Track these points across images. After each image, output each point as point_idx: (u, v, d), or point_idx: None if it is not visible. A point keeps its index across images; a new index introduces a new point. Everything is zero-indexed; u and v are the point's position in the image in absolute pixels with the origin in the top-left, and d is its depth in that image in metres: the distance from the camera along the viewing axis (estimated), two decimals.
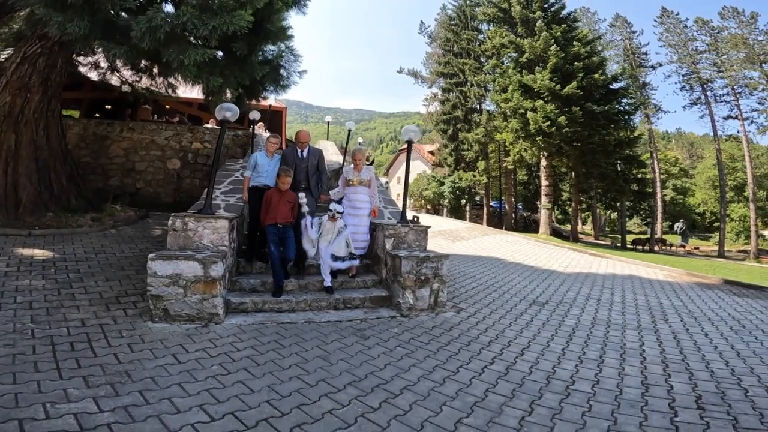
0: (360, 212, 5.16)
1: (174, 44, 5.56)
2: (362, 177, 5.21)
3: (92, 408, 2.25)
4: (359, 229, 5.11)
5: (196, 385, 2.63)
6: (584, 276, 8.08)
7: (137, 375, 2.70)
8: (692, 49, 28.79)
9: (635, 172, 21.42)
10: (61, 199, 8.05)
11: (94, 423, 2.11)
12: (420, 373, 2.97)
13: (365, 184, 5.23)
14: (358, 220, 5.13)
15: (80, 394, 2.39)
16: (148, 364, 2.89)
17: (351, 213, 5.06)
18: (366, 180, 5.22)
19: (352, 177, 5.19)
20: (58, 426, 2.06)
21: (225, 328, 3.70)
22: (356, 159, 5.26)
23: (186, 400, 2.41)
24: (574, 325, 4.52)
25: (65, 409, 2.21)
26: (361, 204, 5.17)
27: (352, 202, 5.12)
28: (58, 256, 5.37)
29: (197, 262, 3.68)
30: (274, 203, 4.53)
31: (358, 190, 5.17)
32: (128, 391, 2.48)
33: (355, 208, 5.13)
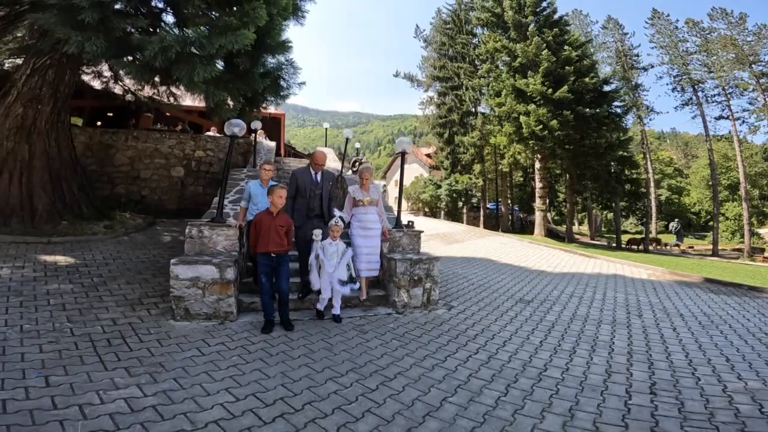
0: (371, 233, 4.95)
1: (183, 62, 6.00)
2: (371, 197, 5.02)
3: (138, 393, 2.67)
4: (372, 250, 4.89)
5: (220, 372, 3.06)
6: (571, 276, 8.54)
7: (169, 365, 3.13)
8: (683, 51, 29.36)
9: (628, 173, 21.89)
10: (74, 207, 8.47)
11: (141, 405, 2.53)
12: (412, 362, 3.41)
13: (374, 203, 5.05)
14: (370, 241, 4.91)
15: (125, 382, 2.82)
16: (177, 356, 3.32)
17: (362, 234, 4.88)
18: (375, 199, 5.05)
19: (361, 197, 4.97)
20: (112, 409, 2.47)
21: (239, 325, 4.14)
22: (363, 178, 5.04)
23: (213, 385, 2.85)
24: (553, 320, 4.97)
25: (115, 395, 2.63)
26: (372, 225, 4.96)
27: (363, 223, 4.91)
28: (79, 262, 5.79)
29: (214, 266, 4.12)
30: (265, 228, 4.04)
31: (368, 210, 4.97)
32: (164, 378, 2.91)
33: (366, 229, 4.92)
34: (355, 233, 4.90)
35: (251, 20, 6.23)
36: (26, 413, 2.34)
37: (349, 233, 4.98)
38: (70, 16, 5.51)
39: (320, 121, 25.90)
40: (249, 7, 6.16)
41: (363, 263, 4.82)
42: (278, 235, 4.06)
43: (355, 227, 4.94)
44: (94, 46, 5.61)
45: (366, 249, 4.84)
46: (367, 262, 4.85)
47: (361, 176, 5.08)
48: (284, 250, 4.11)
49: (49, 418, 2.31)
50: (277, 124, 17.95)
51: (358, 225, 4.94)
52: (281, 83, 9.34)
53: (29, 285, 4.75)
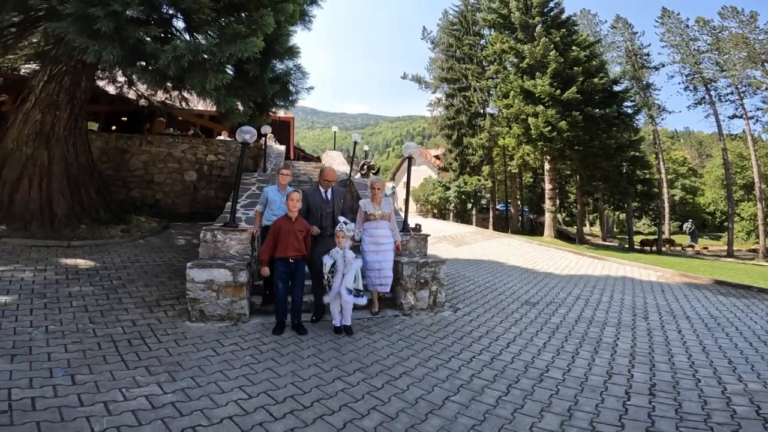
0: (384, 248, 4.77)
1: (195, 70, 6.22)
2: (384, 210, 4.87)
3: (158, 391, 2.84)
4: (384, 265, 4.71)
5: (234, 371, 3.22)
6: (578, 278, 8.57)
7: (186, 365, 3.30)
8: (694, 49, 29.06)
9: (640, 173, 21.66)
10: (92, 212, 8.75)
11: (161, 402, 2.69)
12: (417, 362, 3.54)
13: (386, 217, 4.88)
14: (383, 256, 4.73)
15: (145, 380, 2.99)
16: (193, 356, 3.49)
17: (374, 250, 4.71)
18: (387, 213, 4.88)
19: (373, 211, 4.83)
20: (134, 406, 2.63)
21: (251, 326, 4.30)
22: (375, 189, 4.88)
23: (228, 383, 3.00)
24: (558, 322, 5.04)
25: (137, 393, 2.80)
26: (384, 240, 4.79)
27: (375, 238, 4.74)
28: (99, 265, 6.04)
29: (227, 270, 4.29)
30: (284, 233, 4.11)
31: (379, 225, 4.81)
32: (182, 377, 3.08)
33: (377, 244, 4.74)
34: (366, 248, 4.72)
35: (259, 27, 6.41)
36: (55, 410, 2.51)
37: (360, 248, 4.82)
38: (86, 25, 5.72)
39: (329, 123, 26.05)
40: (257, 15, 6.36)
41: (374, 278, 4.72)
42: (297, 240, 4.14)
43: (366, 242, 4.78)
44: (110, 55, 5.84)
45: (377, 264, 4.69)
46: (379, 277, 4.69)
47: (373, 188, 4.92)
48: (302, 255, 4.21)
49: (77, 415, 2.47)
50: (286, 127, 18.20)
51: (369, 240, 4.78)
52: (290, 88, 9.55)
53: (52, 287, 4.99)
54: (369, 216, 4.84)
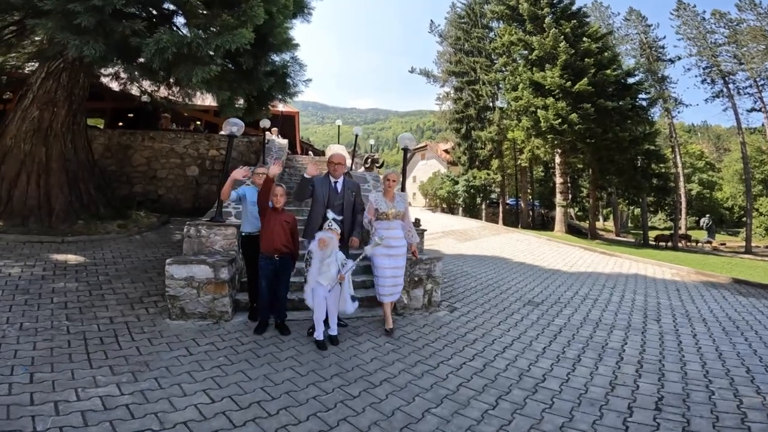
0: (396, 251, 4.14)
1: (182, 63, 6.02)
2: (397, 208, 4.23)
3: (115, 392, 2.67)
4: (397, 272, 4.16)
5: (203, 373, 3.02)
6: (587, 275, 8.19)
7: (154, 365, 3.12)
8: (711, 42, 28.04)
9: (655, 167, 21.01)
10: (91, 207, 8.70)
11: (115, 404, 2.52)
12: (402, 368, 3.28)
13: (400, 216, 4.24)
14: (395, 261, 4.12)
15: (106, 380, 2.83)
16: (165, 355, 3.32)
17: (386, 254, 4.06)
18: (401, 212, 4.24)
19: (385, 209, 4.17)
20: (86, 406, 2.48)
21: (233, 325, 4.10)
22: (389, 182, 4.23)
23: (193, 386, 2.81)
24: (562, 325, 4.73)
25: (93, 393, 2.64)
26: (397, 242, 4.16)
27: (386, 240, 4.02)
28: (89, 261, 5.92)
29: (208, 266, 4.10)
30: (270, 224, 3.82)
31: (392, 225, 4.17)
32: (146, 378, 2.90)
33: (390, 247, 4.08)
34: (378, 252, 4.04)
35: (249, 19, 6.18)
36: (3, 408, 2.38)
37: (368, 252, 4.10)
38: (68, 20, 5.58)
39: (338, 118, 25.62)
40: (247, 6, 6.12)
41: (387, 287, 4.10)
42: (284, 231, 3.85)
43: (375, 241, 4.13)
44: (92, 49, 5.68)
45: (390, 271, 4.08)
46: (392, 286, 4.14)
47: (387, 180, 4.24)
48: (288, 253, 3.90)
49: (24, 413, 2.34)
50: (291, 122, 18.03)
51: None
52: (288, 81, 9.33)
53: (37, 284, 4.87)
54: (380, 214, 4.18)
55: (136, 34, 5.94)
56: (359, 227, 4.29)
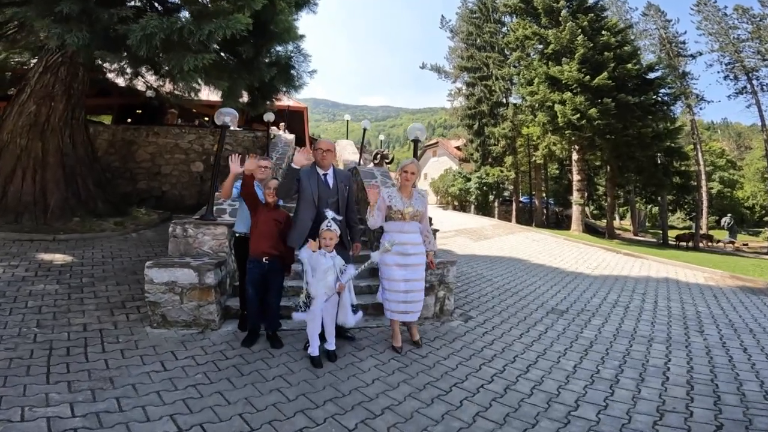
0: (412, 260, 3.44)
1: (173, 51, 5.59)
2: (415, 207, 3.50)
3: (66, 413, 2.27)
4: (412, 285, 3.43)
5: (175, 393, 2.58)
6: (614, 279, 7.55)
7: (120, 381, 2.71)
8: (734, 38, 26.94)
9: (677, 165, 20.16)
10: (89, 203, 8.39)
11: (62, 427, 2.13)
12: (408, 391, 2.78)
13: (418, 217, 3.53)
14: (410, 272, 3.42)
15: (60, 398, 2.43)
16: (134, 370, 2.89)
17: (398, 262, 3.39)
18: (420, 212, 3.52)
19: (401, 207, 3.45)
20: (29, 428, 2.10)
21: (220, 335, 3.66)
22: (407, 175, 3.49)
23: (159, 409, 2.37)
24: (592, 337, 4.17)
25: (41, 413, 2.25)
26: (414, 249, 3.46)
27: (403, 246, 3.38)
28: (76, 261, 5.56)
29: (192, 270, 3.66)
30: (260, 220, 3.39)
31: (408, 228, 3.46)
32: (106, 397, 2.49)
33: (405, 254, 3.40)
34: (389, 260, 3.36)
35: (246, 4, 5.73)
36: None
37: (378, 260, 3.38)
38: (49, 8, 5.22)
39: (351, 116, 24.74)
40: None
41: (399, 303, 3.41)
42: (274, 230, 3.40)
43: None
44: (75, 38, 5.31)
45: (403, 284, 3.38)
46: (405, 302, 3.40)
47: (403, 172, 3.50)
48: (278, 254, 3.41)
49: None
50: (299, 117, 17.65)
51: (394, 247, 3.35)
52: (292, 73, 8.90)
53: (15, 285, 4.51)
54: (394, 213, 3.46)
55: (123, 21, 5.54)
56: (359, 228, 3.64)
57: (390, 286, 3.43)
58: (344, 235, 3.45)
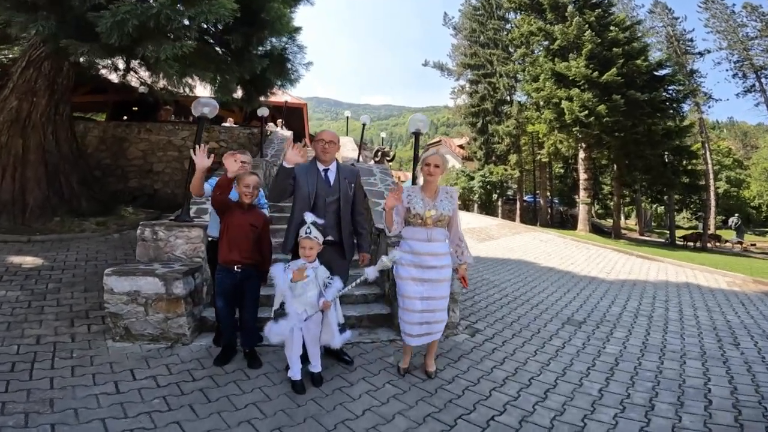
0: (434, 274, 2.76)
1: (149, 39, 5.13)
2: (441, 209, 2.78)
3: None
4: (432, 304, 2.78)
5: (122, 422, 2.17)
6: (631, 284, 7.02)
7: (61, 404, 2.30)
8: (743, 35, 26.47)
9: (685, 164, 19.67)
10: (72, 202, 7.98)
11: None
12: (405, 426, 2.30)
13: (444, 222, 2.81)
14: (432, 289, 2.76)
15: None
16: (81, 392, 2.47)
17: (416, 276, 2.75)
18: (446, 216, 2.80)
19: (420, 210, 2.75)
20: None
21: (191, 351, 3.20)
22: (429, 168, 2.77)
23: None
24: (617, 353, 3.67)
25: None
26: (437, 261, 2.77)
27: (420, 258, 2.75)
28: (47, 264, 5.11)
29: (157, 279, 3.19)
30: (233, 225, 2.87)
31: (431, 235, 2.77)
32: (40, 423, 2.10)
33: (425, 267, 2.75)
34: (403, 272, 2.77)
35: None
36: None
37: (393, 271, 2.88)
38: None
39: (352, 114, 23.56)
40: None
41: (415, 325, 2.79)
42: (249, 235, 2.91)
43: (404, 257, 2.76)
44: (40, 27, 4.89)
45: (420, 302, 2.75)
46: (421, 323, 2.78)
47: (425, 165, 2.79)
48: (253, 263, 2.93)
49: None
50: (298, 114, 17.21)
51: (409, 259, 2.76)
52: (287, 66, 8.45)
53: None
54: (413, 218, 2.79)
55: (95, 8, 5.08)
56: (368, 235, 3.08)
57: (405, 304, 2.81)
58: (345, 241, 2.97)
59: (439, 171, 2.80)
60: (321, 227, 2.69)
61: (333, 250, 2.92)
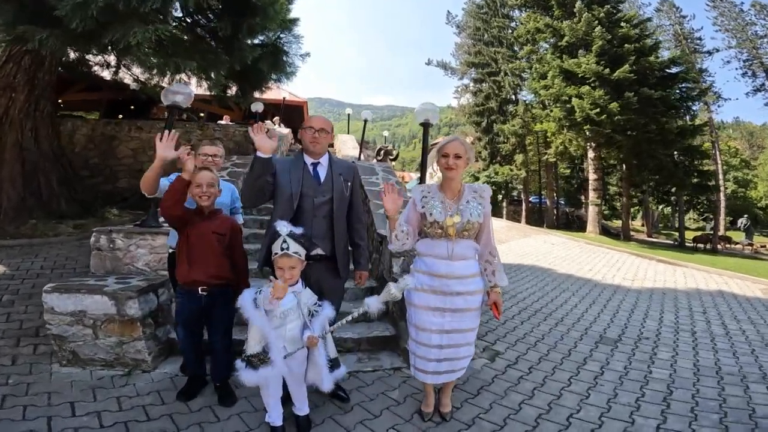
0: (457, 302, 2.09)
1: (119, 23, 4.57)
2: (467, 215, 2.09)
3: None
4: (459, 339, 2.13)
5: None
6: (661, 293, 6.36)
7: None
8: (752, 34, 25.88)
9: (697, 164, 19.08)
10: (51, 203, 7.47)
11: None
12: None
13: (472, 232, 2.12)
14: (455, 320, 2.10)
15: None
16: (4, 429, 1.97)
17: (432, 306, 2.10)
18: (474, 224, 2.10)
19: (440, 217, 2.09)
20: None
21: (152, 380, 2.63)
22: (447, 158, 2.09)
23: None
24: (667, 378, 3.05)
25: None
26: (464, 285, 2.09)
27: (442, 281, 2.08)
28: (8, 273, 4.55)
29: (107, 297, 2.61)
30: (192, 236, 2.26)
31: (457, 250, 2.09)
32: None
33: (447, 294, 2.08)
34: (417, 299, 2.13)
35: None
36: None
37: (404, 295, 2.12)
38: None
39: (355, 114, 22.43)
40: None
41: (430, 362, 2.13)
42: (215, 248, 2.28)
43: (418, 278, 2.10)
44: None
45: (437, 336, 2.09)
46: (439, 360, 2.12)
47: (443, 156, 2.11)
48: (222, 283, 2.30)
49: None
50: (298, 112, 16.72)
51: (424, 279, 2.12)
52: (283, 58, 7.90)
53: None
54: (431, 227, 2.11)
55: None
56: (367, 247, 2.48)
57: (418, 336, 2.14)
58: (339, 255, 2.31)
59: (462, 163, 2.10)
60: (303, 239, 2.02)
61: (323, 267, 2.28)
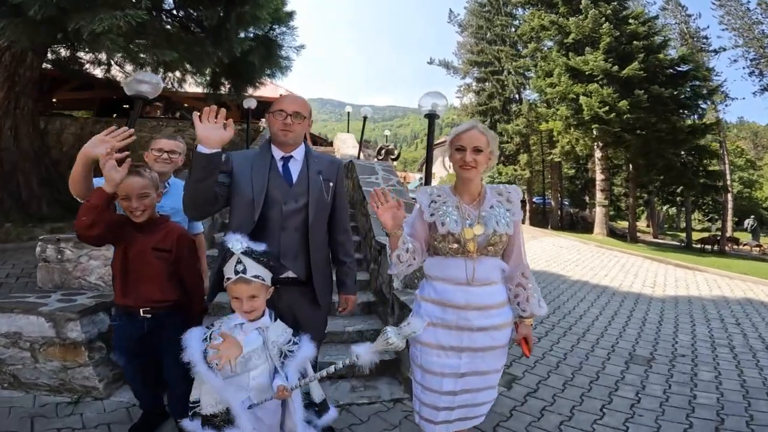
0: (478, 340, 1.50)
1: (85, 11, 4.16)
2: (492, 225, 1.51)
3: None
4: (480, 383, 1.54)
5: None
6: (686, 302, 5.86)
7: None
8: (759, 33, 25.55)
9: (705, 164, 18.71)
10: (31, 205, 7.08)
11: None
12: None
13: (498, 247, 1.54)
14: (475, 362, 1.50)
15: None
16: None
17: (444, 345, 1.51)
18: (502, 235, 1.52)
19: (455, 227, 1.50)
20: None
21: (103, 409, 2.20)
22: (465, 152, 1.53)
23: None
24: (715, 403, 2.59)
25: None
26: (488, 319, 1.50)
27: (459, 313, 1.50)
28: None
29: (43, 318, 2.16)
30: (132, 253, 1.79)
31: (479, 272, 1.50)
32: None
33: (465, 329, 1.50)
34: (425, 335, 1.49)
35: None
36: None
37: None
38: None
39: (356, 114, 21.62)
40: None
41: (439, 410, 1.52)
42: (157, 265, 1.79)
43: (425, 309, 1.57)
44: None
45: (451, 381, 1.50)
46: (452, 408, 1.53)
47: (457, 149, 1.57)
48: (167, 305, 1.84)
49: None
50: None
51: (435, 309, 1.54)
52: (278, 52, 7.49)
53: None
54: (443, 241, 1.54)
55: None
56: (354, 267, 1.96)
57: (424, 380, 1.54)
58: (317, 277, 1.74)
59: (483, 159, 1.55)
60: (265, 257, 1.49)
61: (297, 292, 1.72)
